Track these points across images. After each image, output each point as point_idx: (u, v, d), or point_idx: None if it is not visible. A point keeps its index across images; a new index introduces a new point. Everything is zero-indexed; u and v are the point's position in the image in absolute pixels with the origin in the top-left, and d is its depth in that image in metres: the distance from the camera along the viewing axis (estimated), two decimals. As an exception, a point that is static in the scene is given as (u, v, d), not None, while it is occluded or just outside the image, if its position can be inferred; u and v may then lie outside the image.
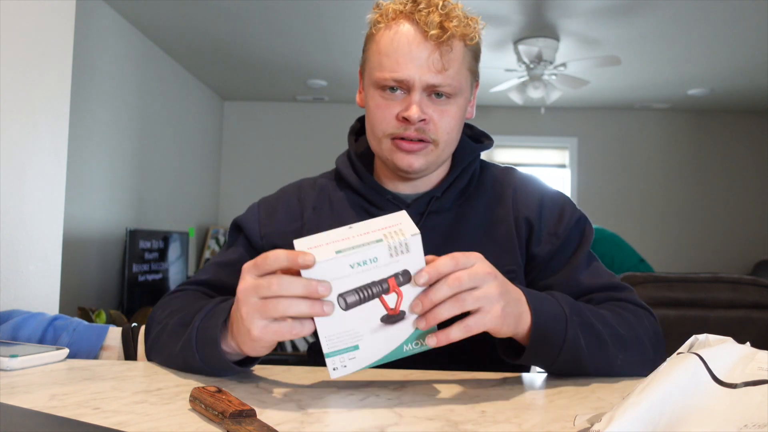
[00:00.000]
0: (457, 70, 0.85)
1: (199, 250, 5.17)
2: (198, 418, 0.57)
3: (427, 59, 0.83)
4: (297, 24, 3.77)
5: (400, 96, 0.85)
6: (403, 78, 0.83)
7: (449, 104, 0.86)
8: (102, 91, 3.46)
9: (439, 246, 0.89)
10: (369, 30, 0.90)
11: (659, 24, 3.66)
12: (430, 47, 0.83)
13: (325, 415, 0.58)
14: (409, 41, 0.83)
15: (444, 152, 0.89)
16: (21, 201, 1.35)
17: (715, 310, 2.10)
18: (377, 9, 0.88)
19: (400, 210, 0.88)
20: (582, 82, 4.23)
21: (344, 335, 0.62)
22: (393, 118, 0.86)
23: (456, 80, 0.85)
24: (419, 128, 0.85)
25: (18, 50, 1.33)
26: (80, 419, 0.54)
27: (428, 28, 0.82)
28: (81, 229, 3.28)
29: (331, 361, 0.63)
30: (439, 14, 0.83)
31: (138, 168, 3.97)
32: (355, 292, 0.60)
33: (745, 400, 0.47)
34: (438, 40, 0.82)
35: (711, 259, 5.68)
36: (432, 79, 0.83)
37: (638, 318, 0.81)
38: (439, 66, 0.83)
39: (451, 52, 0.84)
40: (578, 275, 0.87)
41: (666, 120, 5.81)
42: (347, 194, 0.96)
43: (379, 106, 0.87)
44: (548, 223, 0.91)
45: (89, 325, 0.96)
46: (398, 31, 0.84)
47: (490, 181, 0.96)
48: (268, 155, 5.80)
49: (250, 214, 0.98)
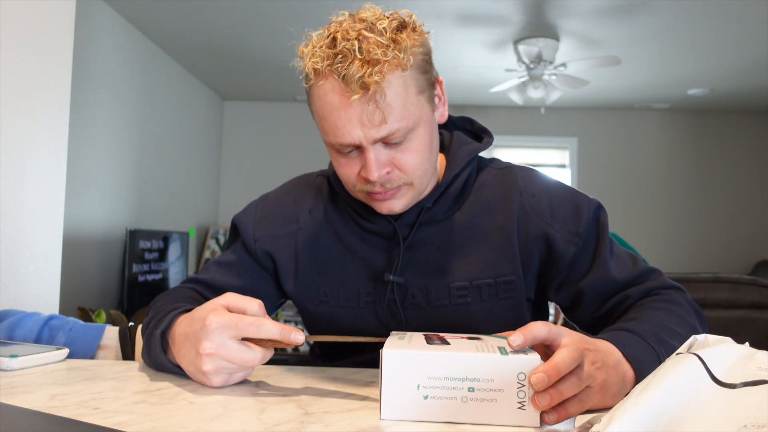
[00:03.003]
0: (400, 110, 0.75)
1: (199, 250, 5.17)
2: (198, 418, 0.57)
3: (361, 117, 0.74)
4: (297, 24, 3.76)
5: (355, 153, 0.80)
6: (346, 142, 0.77)
7: (408, 142, 0.79)
8: (102, 91, 3.46)
9: (432, 256, 0.88)
10: (304, 83, 0.81)
11: (659, 24, 3.67)
12: (361, 103, 0.74)
13: (325, 415, 0.58)
14: (338, 105, 0.75)
15: (421, 185, 0.83)
16: (21, 201, 1.35)
17: (715, 310, 2.10)
18: (301, 59, 0.79)
19: (391, 225, 0.88)
20: (582, 82, 4.23)
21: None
22: (356, 177, 0.81)
23: (405, 119, 0.76)
24: (384, 181, 0.80)
25: (18, 50, 1.33)
26: (80, 419, 0.54)
27: (351, 88, 0.73)
28: (81, 229, 3.28)
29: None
30: (359, 61, 0.72)
31: (138, 168, 3.97)
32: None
33: (744, 400, 0.47)
34: (365, 97, 0.73)
35: (711, 259, 5.68)
36: (376, 133, 0.75)
37: (682, 306, 0.80)
38: (378, 119, 0.74)
39: (386, 98, 0.74)
40: (609, 272, 0.85)
41: (666, 120, 5.81)
42: (340, 201, 0.94)
43: (341, 165, 0.82)
44: (566, 224, 0.86)
45: (86, 325, 0.96)
46: (326, 93, 0.76)
47: (490, 186, 0.90)
48: (268, 155, 5.80)
49: (247, 213, 0.97)
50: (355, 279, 0.90)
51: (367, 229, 0.90)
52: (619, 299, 0.85)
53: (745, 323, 2.09)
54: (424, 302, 0.88)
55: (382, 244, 0.90)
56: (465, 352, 0.56)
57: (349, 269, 0.91)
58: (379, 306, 0.90)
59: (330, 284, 0.91)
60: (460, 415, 0.56)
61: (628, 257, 0.89)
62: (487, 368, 0.55)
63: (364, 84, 0.72)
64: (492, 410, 0.56)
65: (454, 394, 0.56)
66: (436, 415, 0.56)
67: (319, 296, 0.92)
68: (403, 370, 0.56)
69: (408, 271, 0.88)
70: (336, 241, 0.92)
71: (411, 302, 0.88)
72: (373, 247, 0.90)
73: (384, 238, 0.90)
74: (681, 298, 0.83)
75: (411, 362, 0.56)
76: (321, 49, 0.76)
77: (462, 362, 0.56)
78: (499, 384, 0.55)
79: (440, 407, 0.56)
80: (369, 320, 0.90)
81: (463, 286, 0.87)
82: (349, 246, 0.91)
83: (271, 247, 0.93)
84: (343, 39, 0.74)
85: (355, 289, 0.90)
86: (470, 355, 0.56)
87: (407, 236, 0.88)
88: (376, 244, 0.90)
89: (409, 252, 0.88)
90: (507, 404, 0.56)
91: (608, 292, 0.86)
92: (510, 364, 0.55)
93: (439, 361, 0.56)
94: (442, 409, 0.56)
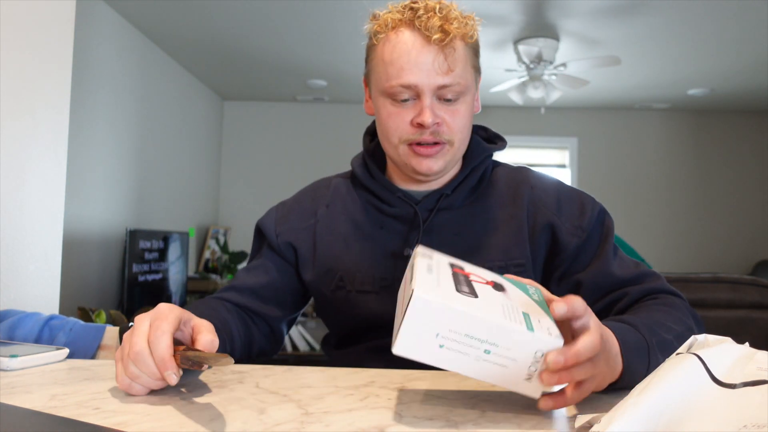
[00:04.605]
0: (462, 68, 0.87)
1: (199, 250, 5.17)
2: (198, 418, 0.57)
3: (432, 63, 0.84)
4: (297, 24, 3.77)
5: (410, 103, 0.87)
6: (410, 83, 0.85)
7: (458, 104, 0.88)
8: (102, 91, 3.46)
9: (448, 242, 0.93)
10: (369, 41, 0.92)
11: (659, 24, 3.67)
12: (434, 51, 0.85)
13: (325, 415, 0.58)
14: (412, 48, 0.85)
15: (459, 150, 0.92)
16: (21, 201, 1.35)
17: (715, 310, 2.10)
18: (375, 20, 0.90)
19: (413, 209, 0.93)
20: (582, 82, 4.23)
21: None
22: (407, 125, 0.88)
23: (463, 78, 0.87)
24: (434, 131, 0.87)
25: (18, 50, 1.33)
26: (80, 419, 0.54)
27: (430, 33, 0.84)
28: (81, 229, 3.28)
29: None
30: (439, 17, 0.84)
31: (138, 168, 3.97)
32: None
33: (744, 400, 0.47)
34: (441, 44, 0.84)
35: (711, 259, 5.68)
36: (440, 80, 0.85)
37: (680, 309, 0.82)
38: (445, 68, 0.85)
39: (455, 53, 0.85)
40: (610, 267, 0.89)
41: (666, 120, 5.81)
42: (360, 193, 1.00)
43: (391, 115, 0.89)
44: (570, 217, 0.92)
45: (86, 325, 0.96)
46: (400, 39, 0.86)
47: (503, 181, 0.98)
48: (268, 155, 5.80)
49: (268, 216, 1.04)
50: (372, 264, 0.94)
51: (387, 214, 0.96)
52: (618, 295, 0.87)
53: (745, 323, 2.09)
54: None
55: (401, 229, 0.95)
56: (493, 317, 0.55)
57: (366, 255, 0.95)
58: (395, 288, 0.92)
59: (346, 269, 0.95)
60: (468, 371, 0.56)
61: (632, 261, 0.92)
62: (511, 339, 0.55)
63: (443, 29, 0.83)
64: (499, 374, 0.56)
65: (469, 351, 0.55)
66: (445, 364, 0.56)
67: (335, 281, 0.96)
68: (428, 317, 0.54)
69: None
70: (353, 230, 0.97)
71: None
72: (391, 232, 0.95)
73: (403, 223, 0.95)
74: (680, 303, 0.85)
75: (438, 312, 0.54)
76: (401, 9, 0.87)
77: (488, 327, 0.55)
78: (515, 354, 0.55)
79: (451, 359, 0.56)
80: (385, 303, 0.93)
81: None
82: (367, 233, 0.96)
83: (292, 238, 0.99)
84: (422, 3, 0.87)
85: (371, 273, 0.94)
86: (498, 323, 0.55)
87: (426, 219, 0.93)
88: (395, 229, 0.95)
89: (426, 236, 0.93)
90: (516, 372, 0.56)
91: (607, 287, 0.88)
92: (533, 342, 0.55)
93: (466, 320, 0.55)
94: (452, 361, 0.56)
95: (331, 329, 1.04)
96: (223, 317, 0.89)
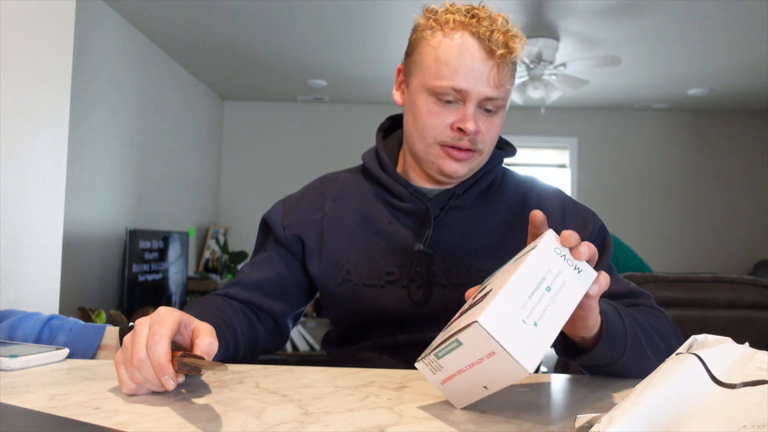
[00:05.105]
0: (508, 84, 0.89)
1: (199, 250, 5.17)
2: (198, 418, 0.57)
3: (488, 74, 0.86)
4: (297, 24, 3.77)
5: (453, 106, 0.88)
6: (462, 88, 0.86)
7: (496, 117, 0.91)
8: (102, 91, 3.46)
9: (455, 240, 0.95)
10: (420, 33, 0.91)
11: (659, 24, 3.67)
12: (492, 64, 0.86)
13: (325, 415, 0.58)
14: (473, 55, 0.86)
15: (484, 160, 0.95)
16: (21, 201, 1.35)
17: (715, 310, 2.10)
18: (431, 14, 0.90)
19: (424, 205, 0.94)
20: (582, 82, 4.23)
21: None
22: (446, 127, 0.89)
23: (507, 93, 0.90)
24: (472, 139, 0.89)
25: (18, 50, 1.33)
26: (80, 419, 0.54)
27: (495, 47, 0.85)
28: (81, 229, 3.28)
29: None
30: (503, 34, 0.86)
31: (138, 168, 3.97)
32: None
33: (744, 400, 0.47)
34: (502, 59, 0.86)
35: (711, 259, 5.68)
36: (489, 92, 0.87)
37: (660, 320, 0.85)
38: (497, 82, 0.87)
39: (507, 69, 0.88)
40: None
41: (666, 120, 5.81)
42: (371, 187, 1.00)
43: (432, 113, 0.89)
44: (574, 229, 0.91)
45: (86, 325, 0.96)
46: (461, 42, 0.86)
47: (512, 187, 1.00)
48: (268, 155, 5.80)
49: (275, 209, 1.04)
50: (380, 258, 0.95)
51: (398, 208, 0.96)
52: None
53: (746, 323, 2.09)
54: (444, 280, 0.93)
55: (411, 225, 0.95)
56: (512, 277, 0.56)
57: (373, 249, 0.95)
58: (401, 284, 0.94)
59: (353, 263, 0.96)
60: (565, 314, 0.57)
61: (625, 282, 0.94)
62: (538, 264, 0.58)
63: (507, 46, 0.85)
64: (571, 292, 0.58)
65: (546, 302, 0.56)
66: (553, 328, 0.55)
67: (342, 275, 0.96)
68: (502, 322, 0.52)
69: (433, 249, 0.94)
70: (361, 224, 0.97)
71: (432, 280, 0.93)
72: (401, 227, 0.96)
73: (414, 218, 0.96)
74: (664, 318, 0.87)
75: (495, 314, 0.53)
76: (463, 11, 0.88)
77: (521, 280, 0.56)
78: (556, 270, 0.58)
79: (548, 322, 0.55)
80: (391, 298, 0.93)
81: (483, 268, 0.93)
82: (376, 228, 0.96)
83: (299, 230, 1.00)
84: (485, 12, 0.88)
85: (379, 267, 0.95)
86: (517, 273, 0.56)
87: (437, 216, 0.95)
88: (404, 224, 0.96)
89: (435, 233, 0.94)
90: (571, 276, 0.59)
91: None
92: (543, 248, 0.59)
93: (510, 292, 0.54)
94: (552, 321, 0.55)
95: (335, 325, 1.04)
96: (227, 316, 0.89)
